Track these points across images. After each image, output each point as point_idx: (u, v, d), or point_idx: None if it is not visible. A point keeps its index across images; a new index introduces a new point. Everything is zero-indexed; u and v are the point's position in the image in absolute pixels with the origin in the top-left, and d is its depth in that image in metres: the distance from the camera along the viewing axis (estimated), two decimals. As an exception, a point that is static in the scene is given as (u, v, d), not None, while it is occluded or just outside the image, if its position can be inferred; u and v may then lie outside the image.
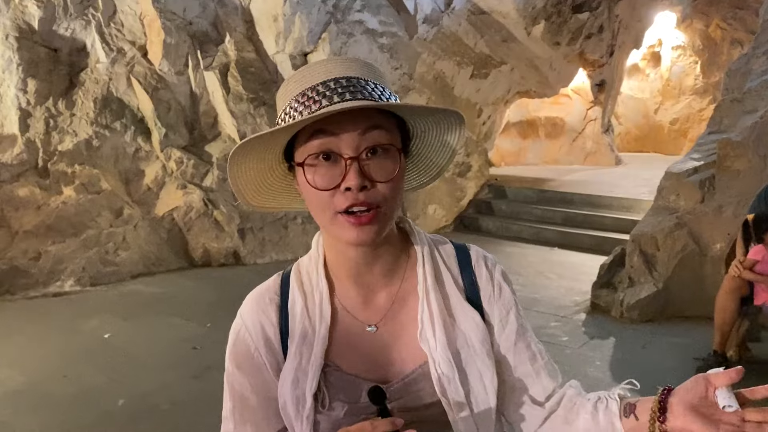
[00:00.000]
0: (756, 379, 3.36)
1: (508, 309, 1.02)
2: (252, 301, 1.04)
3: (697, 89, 13.77)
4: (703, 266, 4.95)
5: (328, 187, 0.89)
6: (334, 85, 0.89)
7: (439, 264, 1.02)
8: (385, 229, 0.93)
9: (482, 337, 0.98)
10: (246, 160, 0.96)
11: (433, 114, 0.97)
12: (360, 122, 0.88)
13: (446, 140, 1.01)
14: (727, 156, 5.10)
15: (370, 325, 0.99)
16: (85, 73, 6.81)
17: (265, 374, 1.00)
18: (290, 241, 7.01)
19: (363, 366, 0.97)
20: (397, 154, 0.92)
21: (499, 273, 1.04)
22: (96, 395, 3.64)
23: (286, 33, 7.25)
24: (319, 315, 0.99)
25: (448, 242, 1.06)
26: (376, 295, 1.00)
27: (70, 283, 5.73)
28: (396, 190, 0.92)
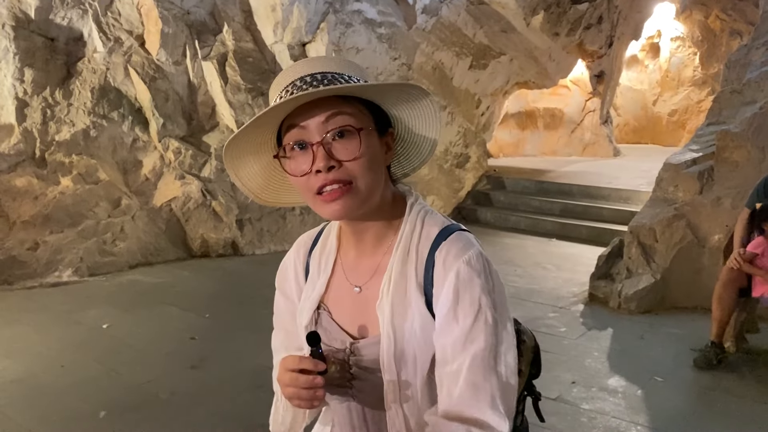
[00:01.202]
0: (753, 370, 3.40)
1: (445, 304, 1.02)
2: (297, 241, 1.27)
3: (696, 80, 13.76)
4: (701, 257, 4.96)
5: (303, 173, 1.01)
6: (310, 80, 1.00)
7: (414, 244, 1.08)
8: (360, 202, 1.02)
9: (423, 323, 1.04)
10: (243, 160, 1.10)
11: (386, 92, 1.05)
12: (323, 111, 0.99)
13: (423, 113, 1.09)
14: (725, 147, 5.10)
15: (357, 286, 1.12)
16: (83, 62, 6.77)
17: (293, 297, 1.23)
18: (288, 231, 7.01)
19: (345, 318, 1.13)
20: (367, 134, 1.01)
21: (455, 270, 1.02)
22: (94, 385, 3.65)
23: (284, 23, 7.22)
24: (324, 265, 1.17)
25: (439, 226, 1.09)
26: (365, 261, 1.12)
27: (68, 274, 5.72)
28: (366, 168, 1.01)
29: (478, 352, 0.98)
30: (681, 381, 3.78)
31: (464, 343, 0.99)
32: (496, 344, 1.00)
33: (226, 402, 3.46)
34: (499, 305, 1.02)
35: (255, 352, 4.11)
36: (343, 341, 1.12)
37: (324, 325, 1.14)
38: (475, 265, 1.02)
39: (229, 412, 3.35)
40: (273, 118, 1.02)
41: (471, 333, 0.99)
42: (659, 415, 3.34)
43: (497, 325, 1.01)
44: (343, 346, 1.11)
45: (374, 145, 1.03)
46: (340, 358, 1.11)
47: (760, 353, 4.09)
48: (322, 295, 1.16)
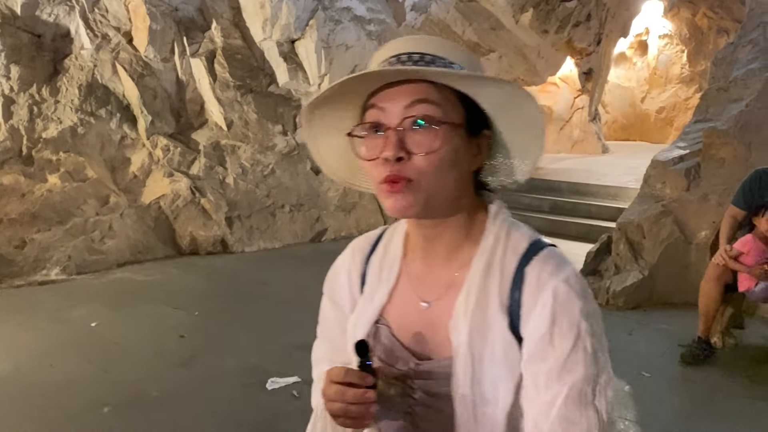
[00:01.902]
0: (739, 365, 3.43)
1: (539, 327, 0.89)
2: (352, 245, 1.14)
3: (684, 78, 13.85)
4: (688, 254, 5.00)
5: (371, 157, 0.92)
6: (406, 58, 0.92)
7: (497, 259, 0.95)
8: (423, 203, 0.91)
9: (506, 348, 0.91)
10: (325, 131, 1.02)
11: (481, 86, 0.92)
12: (408, 95, 0.90)
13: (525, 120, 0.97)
14: (712, 144, 5.14)
15: (425, 301, 1.00)
16: (70, 59, 6.73)
17: (344, 307, 1.10)
18: (278, 228, 7.00)
19: (408, 336, 1.00)
20: (450, 130, 0.90)
21: (551, 289, 0.90)
22: (83, 384, 3.63)
23: (273, 20, 7.20)
24: (387, 274, 1.05)
25: (528, 240, 0.97)
26: (436, 274, 1.00)
27: (56, 272, 5.68)
28: (438, 166, 0.90)
29: (576, 383, 0.86)
30: (668, 376, 3.81)
31: (560, 373, 0.87)
32: (596, 375, 0.88)
33: (216, 400, 3.45)
34: (598, 332, 0.90)
35: (244, 349, 4.11)
36: (406, 361, 0.99)
37: (383, 341, 1.02)
38: (575, 285, 0.91)
39: (218, 409, 3.34)
40: (357, 90, 0.94)
41: (568, 361, 0.87)
42: (646, 410, 3.36)
43: (597, 354, 0.88)
44: (406, 366, 0.99)
45: (457, 144, 0.91)
46: (402, 380, 0.98)
47: (746, 348, 4.14)
48: (382, 308, 1.03)
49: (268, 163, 7.18)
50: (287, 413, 3.26)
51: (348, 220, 7.47)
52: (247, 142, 7.19)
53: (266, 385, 3.57)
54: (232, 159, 7.05)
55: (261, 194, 7.01)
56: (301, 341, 4.59)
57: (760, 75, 5.33)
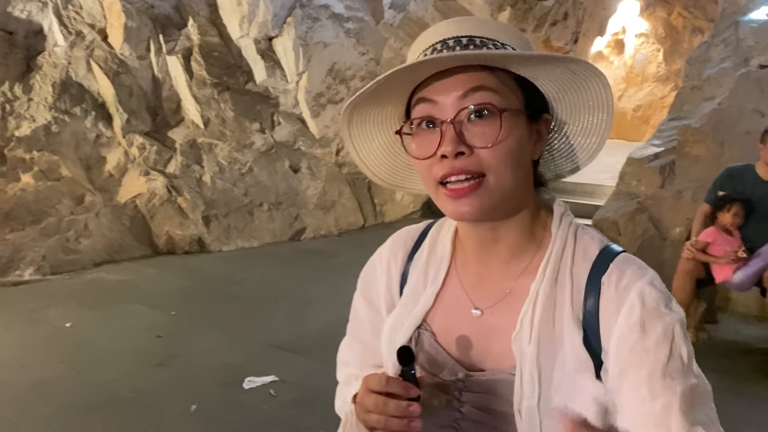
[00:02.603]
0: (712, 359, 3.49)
1: (629, 335, 0.82)
2: (393, 239, 1.05)
3: (660, 76, 14.01)
4: (663, 250, 5.06)
5: (426, 155, 0.83)
6: (453, 43, 0.83)
7: (566, 266, 0.87)
8: (493, 202, 0.83)
9: (578, 365, 0.83)
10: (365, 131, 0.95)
11: (544, 66, 0.84)
12: (462, 84, 0.82)
13: (590, 99, 0.88)
14: (686, 142, 5.21)
15: (477, 308, 0.92)
16: (43, 56, 6.63)
17: (379, 307, 1.03)
18: (256, 227, 6.96)
19: (455, 344, 0.92)
20: (512, 117, 0.82)
21: (638, 292, 0.82)
22: (56, 385, 3.58)
23: (250, 17, 7.15)
24: (434, 276, 0.96)
25: (599, 245, 0.89)
26: (493, 280, 0.92)
27: (30, 272, 5.60)
28: (505, 159, 0.82)
29: (685, 393, 0.80)
30: (643, 371, 3.85)
31: (664, 380, 0.80)
32: (697, 385, 0.82)
33: (192, 400, 3.42)
34: (687, 336, 0.84)
35: (221, 349, 4.08)
36: (453, 371, 0.91)
37: (426, 349, 0.93)
38: (660, 287, 0.84)
39: (194, 410, 3.32)
40: (401, 85, 0.86)
41: (669, 368, 0.80)
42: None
43: (692, 362, 0.82)
44: (453, 376, 0.90)
45: (520, 133, 0.84)
46: (448, 391, 0.90)
47: (719, 343, 4.20)
48: (427, 312, 0.95)
49: (246, 161, 7.13)
50: (264, 412, 3.24)
51: (327, 218, 7.45)
52: (224, 140, 7.14)
53: (243, 384, 3.54)
54: (209, 157, 7.00)
55: (238, 193, 6.97)
56: (278, 340, 4.60)
57: (732, 73, 5.41)
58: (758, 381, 3.66)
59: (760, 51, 5.48)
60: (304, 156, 7.49)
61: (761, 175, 3.98)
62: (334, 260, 6.21)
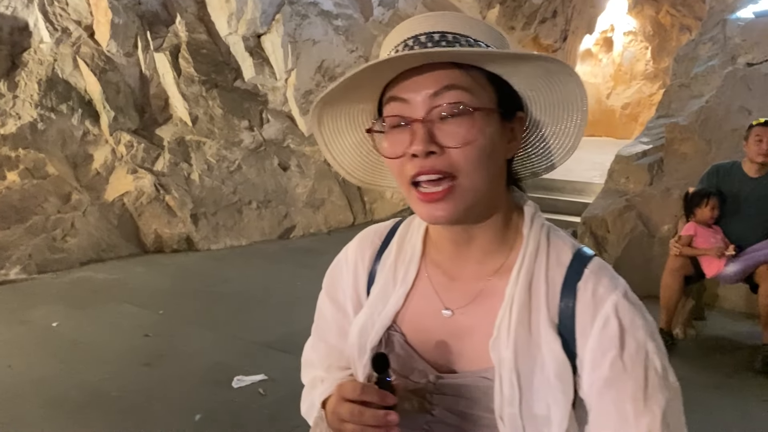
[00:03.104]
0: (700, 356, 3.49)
1: (605, 350, 0.81)
2: (359, 238, 1.03)
3: (648, 74, 14.07)
4: (651, 247, 5.08)
5: (397, 154, 0.82)
6: (425, 39, 0.82)
7: (540, 270, 0.86)
8: (466, 205, 0.82)
9: (559, 370, 0.82)
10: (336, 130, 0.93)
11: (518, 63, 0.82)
12: (433, 82, 0.80)
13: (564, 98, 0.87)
14: (674, 139, 5.24)
15: (447, 309, 0.90)
16: (28, 53, 6.56)
17: (345, 307, 1.01)
18: (245, 226, 6.93)
19: (425, 345, 0.90)
20: (485, 116, 0.81)
21: (612, 305, 0.82)
22: (43, 384, 3.55)
23: (238, 14, 7.11)
24: (403, 275, 0.94)
25: (571, 249, 0.88)
26: (464, 280, 0.90)
27: (16, 271, 5.55)
28: (477, 159, 0.80)
29: (664, 410, 0.80)
30: (632, 368, 3.86)
31: (645, 401, 0.80)
32: (670, 397, 0.81)
33: (180, 399, 3.40)
34: (662, 347, 0.83)
35: (210, 348, 4.06)
36: (424, 373, 0.89)
37: (396, 350, 0.92)
38: (634, 300, 0.84)
39: (183, 409, 3.30)
40: (372, 82, 0.84)
41: (648, 388, 0.80)
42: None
43: (666, 374, 0.82)
44: (424, 379, 0.89)
45: (492, 132, 0.82)
46: (420, 394, 0.89)
47: (707, 339, 4.22)
48: (397, 312, 0.93)
49: (235, 159, 7.10)
50: (253, 411, 3.23)
51: (317, 216, 7.43)
52: (212, 137, 7.10)
53: (232, 383, 3.53)
54: (197, 155, 6.96)
55: (227, 191, 6.93)
56: (267, 339, 4.58)
57: (719, 71, 5.44)
58: (745, 376, 3.68)
59: (747, 49, 5.51)
60: (293, 154, 7.47)
61: (747, 171, 4.01)
62: (323, 258, 6.10)
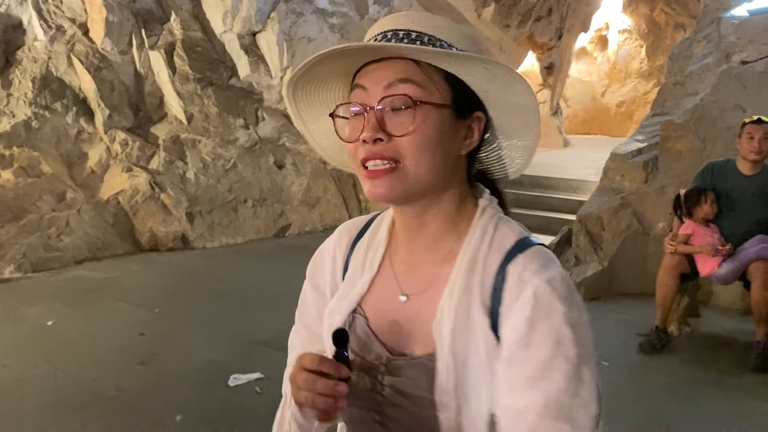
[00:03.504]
0: (695, 352, 3.50)
1: (517, 329, 0.84)
2: (340, 228, 1.11)
3: (643, 72, 14.09)
4: (646, 245, 5.09)
5: (352, 139, 0.89)
6: (390, 35, 0.88)
7: (481, 255, 0.90)
8: (407, 187, 0.87)
9: (488, 350, 0.86)
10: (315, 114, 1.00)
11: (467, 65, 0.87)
12: (390, 75, 0.86)
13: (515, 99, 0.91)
14: (669, 137, 5.24)
15: (404, 294, 0.96)
16: (22, 51, 6.54)
17: (325, 292, 1.07)
18: (240, 224, 6.92)
19: (384, 329, 0.96)
20: (430, 111, 0.86)
21: (533, 288, 0.84)
22: (38, 383, 3.54)
23: (233, 12, 7.10)
24: (370, 262, 1.00)
25: (516, 236, 0.92)
26: (418, 266, 0.96)
27: (10, 270, 5.53)
28: (419, 147, 0.86)
29: (553, 394, 0.80)
30: (627, 365, 3.88)
31: (537, 380, 0.81)
32: (577, 388, 0.81)
33: (176, 398, 3.40)
34: (585, 341, 0.84)
35: (205, 347, 4.06)
36: (379, 355, 0.94)
37: (357, 332, 0.97)
38: (558, 287, 0.84)
39: (178, 408, 3.29)
40: (341, 71, 0.91)
41: (547, 369, 0.81)
42: (605, 398, 3.40)
43: (581, 365, 0.82)
44: (378, 360, 0.94)
45: (440, 126, 0.87)
46: (373, 374, 0.94)
47: (702, 336, 4.24)
48: (361, 297, 0.99)
49: (230, 157, 7.09)
50: (250, 409, 3.23)
51: (312, 214, 7.43)
52: (207, 136, 7.09)
53: (228, 381, 3.52)
54: (192, 153, 6.94)
55: (222, 189, 6.92)
56: (264, 337, 4.57)
57: (714, 69, 5.45)
58: (739, 373, 3.69)
59: (741, 47, 5.52)
60: (288, 152, 7.46)
61: (741, 169, 4.02)
62: (319, 256, 6.17)
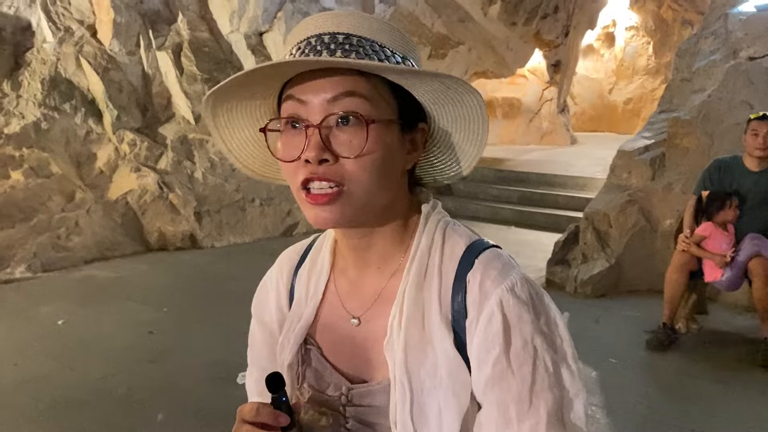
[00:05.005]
0: (702, 349, 3.51)
1: (490, 348, 0.78)
2: (280, 258, 1.02)
3: (650, 69, 14.06)
4: (653, 242, 5.09)
5: (291, 158, 0.78)
6: (329, 40, 0.78)
7: (433, 265, 0.83)
8: (354, 211, 0.79)
9: (451, 368, 0.79)
10: (234, 123, 0.88)
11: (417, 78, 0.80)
12: (332, 87, 0.76)
13: (466, 114, 0.85)
14: (676, 134, 5.23)
15: (354, 317, 0.88)
16: (31, 53, 6.59)
17: (273, 328, 0.98)
18: (248, 223, 6.95)
19: (340, 357, 0.89)
20: (382, 128, 0.78)
21: (497, 300, 0.78)
22: (49, 382, 3.57)
23: (240, 12, 7.13)
24: (314, 288, 0.92)
25: (465, 241, 0.84)
26: (366, 286, 0.88)
27: (21, 270, 5.58)
28: (370, 170, 0.77)
29: (550, 411, 0.77)
30: (634, 362, 3.88)
31: (530, 402, 0.77)
32: (562, 395, 0.78)
33: (185, 396, 3.43)
34: (557, 342, 0.80)
35: (214, 345, 4.08)
36: (338, 385, 0.87)
37: (314, 365, 0.90)
38: (522, 294, 0.79)
39: (187, 406, 3.32)
40: (269, 79, 0.80)
41: (535, 387, 0.77)
42: (613, 394, 3.42)
43: (559, 370, 0.79)
44: (338, 392, 0.87)
45: (389, 143, 0.79)
46: (335, 408, 0.87)
47: (709, 333, 4.23)
48: (309, 326, 0.91)
49: (238, 157, 7.12)
50: (258, 407, 3.24)
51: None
52: (215, 136, 7.12)
53: (237, 379, 3.53)
54: (200, 153, 6.98)
55: (230, 188, 6.96)
56: (271, 335, 4.51)
57: (721, 66, 5.43)
58: (747, 370, 3.69)
59: (749, 43, 5.50)
60: (295, 151, 7.48)
61: (748, 166, 4.01)
62: (326, 255, 6.20)
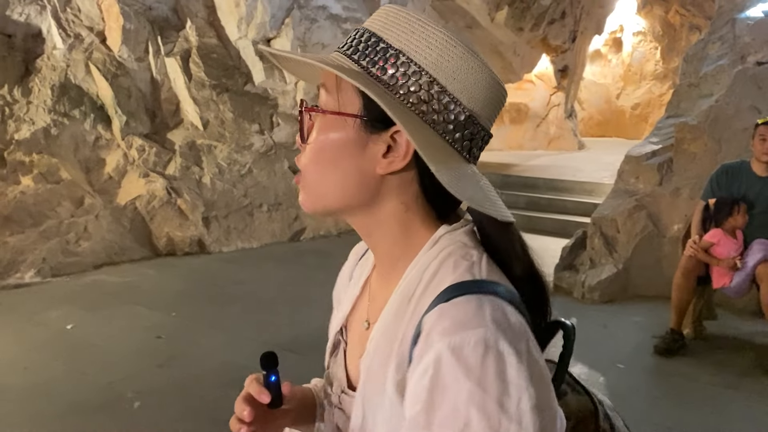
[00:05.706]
0: (710, 355, 3.51)
1: (414, 401, 0.67)
2: (354, 248, 1.03)
3: (658, 74, 14.04)
4: (661, 247, 5.08)
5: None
6: (355, 35, 0.80)
7: (416, 293, 0.76)
8: (310, 198, 0.81)
9: (393, 411, 0.73)
10: None
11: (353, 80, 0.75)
12: (322, 78, 0.80)
13: None
14: (683, 139, 5.23)
15: (366, 321, 0.86)
16: (42, 59, 6.64)
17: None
18: (256, 228, 6.98)
19: (351, 356, 0.89)
20: (329, 121, 0.78)
21: (435, 355, 0.65)
22: (58, 386, 3.60)
23: (248, 18, 7.17)
24: (357, 280, 0.93)
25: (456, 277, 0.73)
26: (383, 291, 0.85)
27: (31, 275, 5.61)
28: (313, 159, 0.79)
29: None
30: (642, 367, 3.87)
31: None
32: None
33: (194, 400, 3.44)
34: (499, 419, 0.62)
35: (222, 349, 4.10)
36: (339, 385, 0.87)
37: (337, 358, 0.91)
38: (467, 357, 0.64)
39: (196, 410, 3.33)
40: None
41: None
42: (620, 400, 3.39)
43: None
44: (338, 391, 0.88)
45: (342, 138, 0.77)
46: (332, 407, 0.88)
47: (717, 339, 4.22)
48: (346, 318, 0.91)
49: (245, 162, 7.15)
50: (265, 412, 3.25)
51: (326, 219, 7.46)
52: (223, 141, 7.16)
53: (245, 384, 3.55)
54: (208, 159, 7.01)
55: (238, 194, 6.99)
56: (280, 340, 4.60)
57: (729, 71, 5.43)
58: (755, 376, 3.68)
59: (756, 48, 5.50)
60: (303, 156, 7.50)
61: (755, 171, 4.00)
62: (333, 260, 6.13)
